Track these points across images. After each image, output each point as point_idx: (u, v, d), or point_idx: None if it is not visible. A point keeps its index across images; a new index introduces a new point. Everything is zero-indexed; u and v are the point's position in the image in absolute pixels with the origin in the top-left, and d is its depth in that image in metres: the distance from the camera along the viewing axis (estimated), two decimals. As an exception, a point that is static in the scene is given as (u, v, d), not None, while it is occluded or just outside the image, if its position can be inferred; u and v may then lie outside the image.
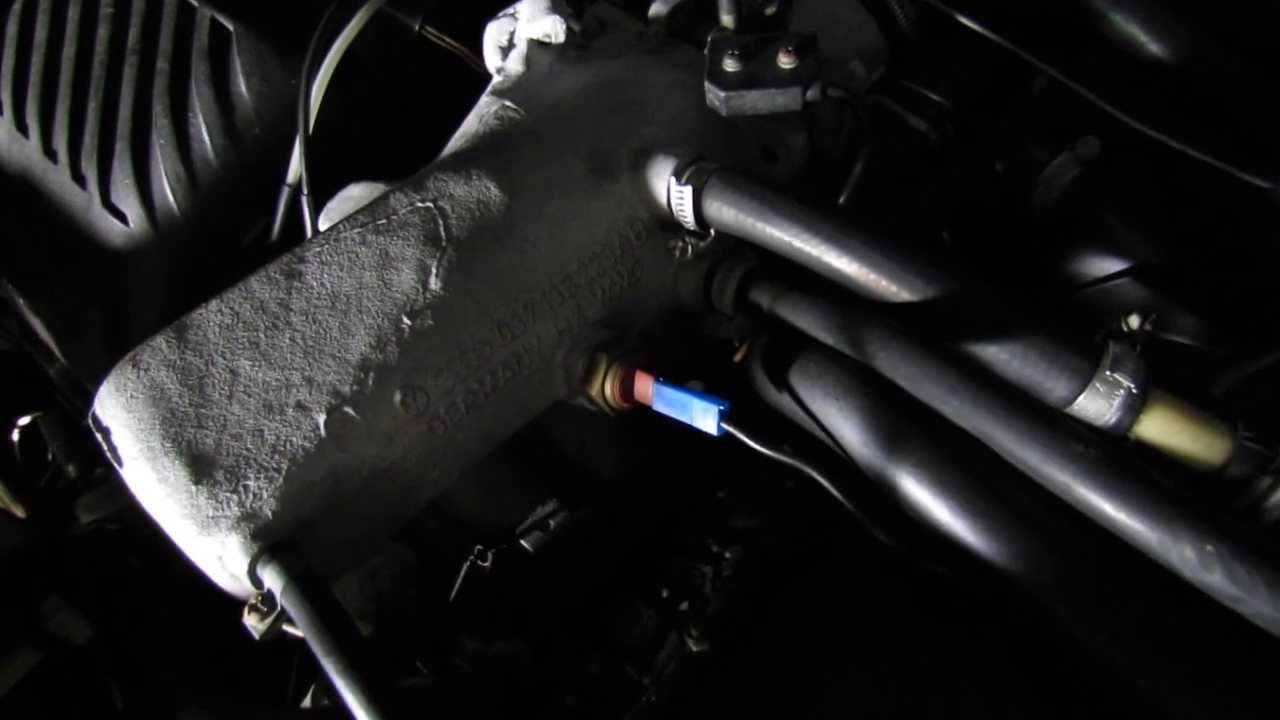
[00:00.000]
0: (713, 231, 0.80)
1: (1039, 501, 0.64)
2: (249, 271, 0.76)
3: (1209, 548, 0.53)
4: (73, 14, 1.05)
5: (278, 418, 0.68)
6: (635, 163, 0.81)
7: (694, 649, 0.86)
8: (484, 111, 0.86)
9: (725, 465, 0.98)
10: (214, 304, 0.74)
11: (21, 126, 1.04)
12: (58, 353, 1.11)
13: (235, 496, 0.66)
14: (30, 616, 1.07)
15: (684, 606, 0.95)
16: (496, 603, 0.85)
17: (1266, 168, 0.79)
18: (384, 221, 0.77)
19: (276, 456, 0.67)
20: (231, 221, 1.01)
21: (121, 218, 0.97)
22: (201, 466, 0.67)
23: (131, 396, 0.70)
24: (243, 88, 0.98)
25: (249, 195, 1.00)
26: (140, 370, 0.71)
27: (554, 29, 0.90)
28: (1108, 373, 0.63)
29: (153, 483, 0.67)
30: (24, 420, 1.22)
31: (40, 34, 1.06)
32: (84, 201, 0.99)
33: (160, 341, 0.73)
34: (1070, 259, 0.91)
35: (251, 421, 0.68)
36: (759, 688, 0.76)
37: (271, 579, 0.62)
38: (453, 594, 0.90)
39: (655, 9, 0.92)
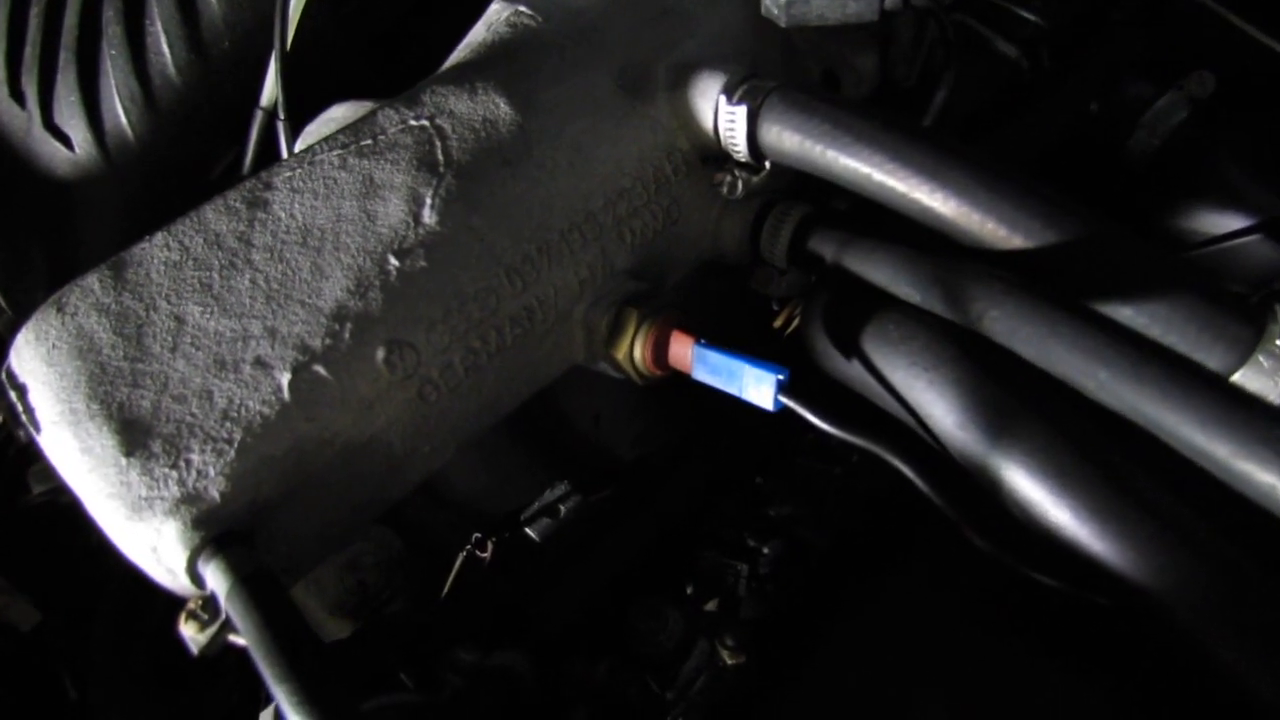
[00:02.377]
0: (768, 165, 0.66)
1: (1187, 506, 0.51)
2: (210, 203, 0.62)
3: None
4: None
5: (231, 376, 0.55)
6: (675, 80, 0.68)
7: (728, 662, 0.74)
8: (494, 19, 0.72)
9: (763, 446, 0.85)
10: (159, 237, 0.61)
11: (-45, 36, 0.89)
12: (1, 300, 0.97)
13: (175, 473, 0.52)
14: (-32, 600, 0.94)
15: (710, 606, 0.82)
16: (496, 602, 0.73)
17: None
18: (369, 142, 0.64)
19: (228, 424, 0.54)
20: (196, 149, 0.87)
21: (66, 141, 0.83)
22: (135, 434, 0.53)
23: (54, 347, 0.57)
24: (210, -9, 0.83)
25: (216, 119, 0.86)
26: (66, 315, 0.58)
27: (578, -74, 0.75)
28: (1278, 343, 0.50)
29: (74, 452, 0.54)
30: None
31: (-22, -71, 0.91)
32: (23, 122, 0.84)
33: (92, 281, 0.59)
34: (1179, 214, 0.77)
35: (199, 380, 0.55)
36: (809, 716, 0.64)
37: (215, 578, 0.49)
38: (445, 589, 0.78)
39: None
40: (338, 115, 0.75)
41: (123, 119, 0.82)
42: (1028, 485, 0.53)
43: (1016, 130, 0.79)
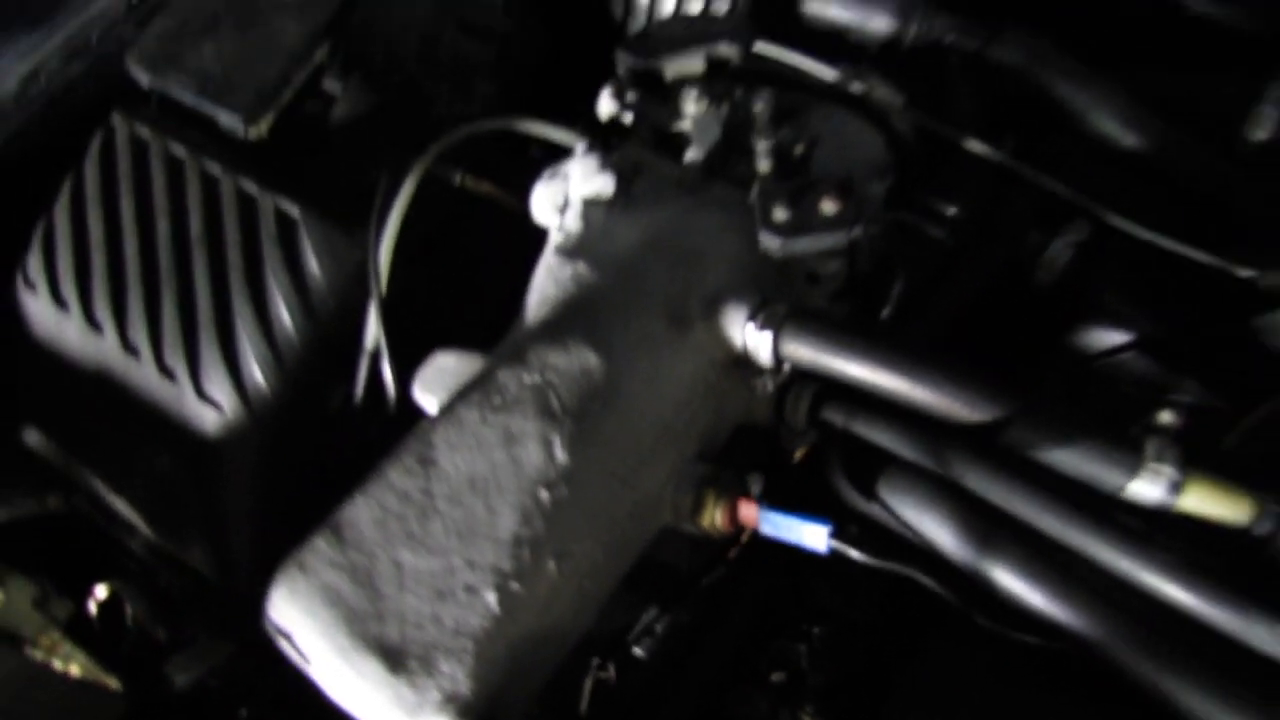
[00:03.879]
0: (786, 366, 0.90)
1: (1104, 581, 0.77)
2: (335, 438, 0.83)
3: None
4: (126, 207, 1.10)
5: (451, 602, 0.76)
6: (706, 310, 0.91)
7: (811, 727, 0.97)
8: (558, 275, 0.94)
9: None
10: (359, 500, 0.82)
11: (94, 323, 1.08)
12: (143, 527, 1.15)
13: (433, 681, 0.74)
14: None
15: (776, 677, 1.05)
16: (629, 715, 0.94)
17: (1247, 254, 0.93)
18: (499, 400, 0.86)
19: (460, 639, 0.75)
20: (316, 392, 1.07)
21: (216, 406, 1.03)
22: (395, 658, 0.74)
23: (307, 599, 0.78)
24: (314, 267, 1.04)
25: (329, 365, 1.06)
26: (308, 574, 0.79)
27: (605, 186, 0.99)
28: (1152, 464, 0.76)
29: (352, 679, 0.75)
30: (102, 593, 1.25)
31: (96, 230, 1.10)
32: (174, 394, 1.04)
33: (320, 543, 0.80)
34: (1079, 334, 1.04)
35: (428, 610, 0.76)
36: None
37: (484, 756, 0.71)
38: (583, 708, 0.99)
39: (691, 155, 1.01)
40: (448, 365, 0.96)
41: (260, 379, 1.03)
42: (1012, 583, 0.78)
43: (955, 291, 1.04)
